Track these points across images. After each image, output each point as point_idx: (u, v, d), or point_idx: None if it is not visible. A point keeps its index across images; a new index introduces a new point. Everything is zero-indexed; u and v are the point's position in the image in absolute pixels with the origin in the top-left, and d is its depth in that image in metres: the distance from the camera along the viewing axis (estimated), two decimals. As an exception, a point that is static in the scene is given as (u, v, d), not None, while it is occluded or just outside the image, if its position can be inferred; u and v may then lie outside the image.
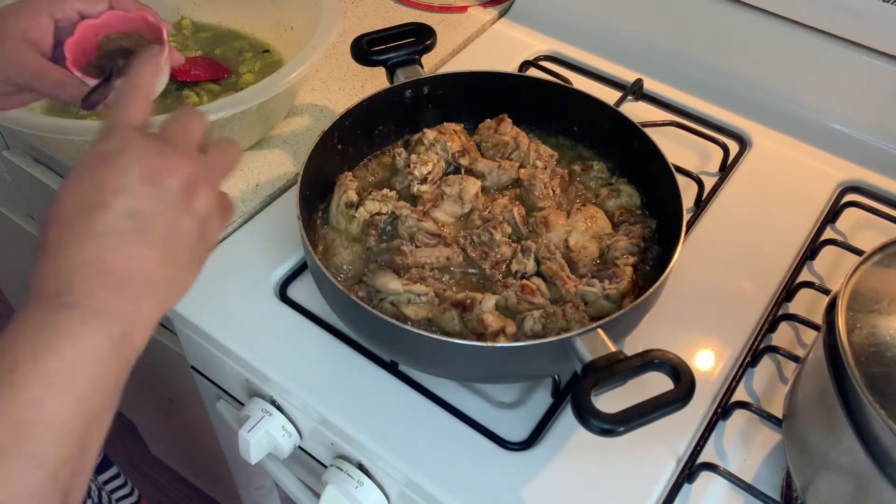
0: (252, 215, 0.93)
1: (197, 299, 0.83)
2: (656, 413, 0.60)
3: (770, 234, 0.91)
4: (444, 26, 1.19)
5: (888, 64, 0.97)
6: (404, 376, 0.78)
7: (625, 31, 1.14)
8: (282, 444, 0.80)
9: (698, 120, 1.03)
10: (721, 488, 0.71)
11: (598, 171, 0.89)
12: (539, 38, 1.17)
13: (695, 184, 0.94)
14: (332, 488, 0.75)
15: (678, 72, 1.09)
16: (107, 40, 0.72)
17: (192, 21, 1.15)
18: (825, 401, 0.61)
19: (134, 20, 0.72)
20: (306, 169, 0.80)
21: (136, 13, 0.71)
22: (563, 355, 0.65)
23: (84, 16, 0.70)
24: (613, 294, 0.75)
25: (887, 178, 0.98)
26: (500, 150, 0.90)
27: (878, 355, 0.57)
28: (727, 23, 1.06)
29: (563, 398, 0.76)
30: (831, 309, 0.62)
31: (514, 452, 0.72)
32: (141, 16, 0.71)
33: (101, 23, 0.70)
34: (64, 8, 0.69)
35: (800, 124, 1.03)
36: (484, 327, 0.72)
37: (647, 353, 0.62)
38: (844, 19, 0.97)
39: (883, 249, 0.65)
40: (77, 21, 0.70)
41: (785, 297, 0.85)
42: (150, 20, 0.71)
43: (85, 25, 0.70)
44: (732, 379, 0.78)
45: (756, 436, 0.75)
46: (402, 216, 0.82)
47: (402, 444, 0.72)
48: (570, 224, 0.82)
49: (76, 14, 0.69)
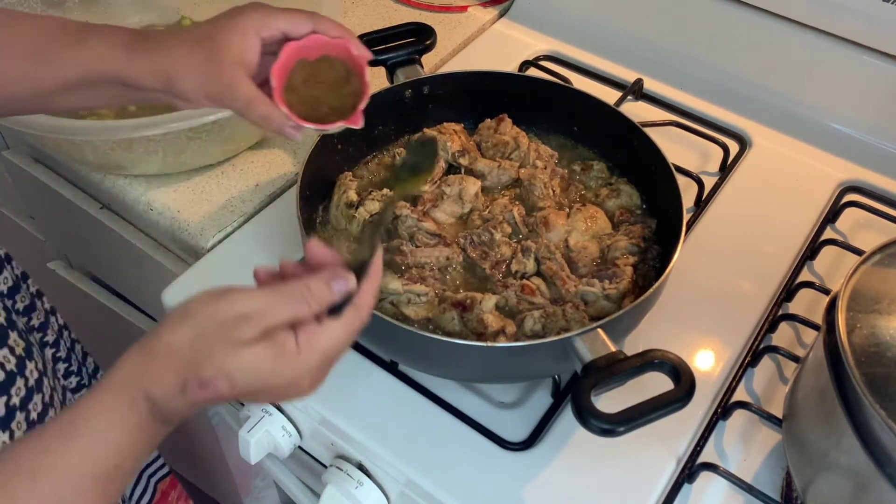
0: (252, 215, 0.93)
1: (197, 299, 0.83)
2: (656, 413, 0.60)
3: (770, 234, 0.91)
4: (444, 26, 1.19)
5: (888, 64, 0.97)
6: (404, 376, 0.78)
7: (625, 31, 1.14)
8: (282, 444, 0.80)
9: (698, 120, 1.03)
10: (721, 488, 0.71)
11: (598, 171, 0.89)
12: (539, 38, 1.17)
13: (695, 184, 0.93)
14: (332, 488, 0.75)
15: (678, 72, 1.09)
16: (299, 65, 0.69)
17: (192, 21, 1.15)
18: (825, 401, 0.61)
19: (336, 47, 0.69)
20: (306, 169, 0.80)
21: (340, 42, 0.69)
22: (563, 355, 0.65)
23: (288, 36, 0.68)
24: (613, 294, 0.75)
25: (887, 178, 0.98)
26: (500, 150, 0.90)
27: (878, 355, 0.57)
28: (727, 23, 1.06)
29: (563, 398, 0.76)
30: (831, 309, 0.62)
31: (514, 452, 0.72)
32: (343, 45, 0.69)
33: (303, 45, 0.68)
34: (270, 27, 0.66)
35: (800, 124, 1.03)
36: (484, 327, 0.72)
37: (647, 353, 0.62)
38: (844, 19, 0.97)
39: (883, 249, 0.65)
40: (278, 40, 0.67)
41: (785, 297, 0.85)
42: (352, 52, 0.69)
43: (289, 49, 0.68)
44: (732, 379, 0.78)
45: (756, 436, 0.75)
46: (402, 216, 0.82)
47: (402, 444, 0.72)
48: (570, 224, 0.82)
49: (280, 34, 0.67)
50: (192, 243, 0.91)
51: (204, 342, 0.50)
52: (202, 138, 0.90)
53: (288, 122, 0.66)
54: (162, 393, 0.50)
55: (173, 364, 0.50)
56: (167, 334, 0.50)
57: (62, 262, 1.28)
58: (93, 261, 1.22)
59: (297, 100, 0.69)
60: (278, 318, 0.51)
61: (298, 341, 0.51)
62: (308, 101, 0.71)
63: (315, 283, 0.52)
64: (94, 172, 0.98)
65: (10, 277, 0.85)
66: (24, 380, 0.75)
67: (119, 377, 0.50)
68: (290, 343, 0.51)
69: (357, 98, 0.70)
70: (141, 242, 1.00)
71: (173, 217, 0.92)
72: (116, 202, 0.98)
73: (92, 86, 0.66)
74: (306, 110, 0.70)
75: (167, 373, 0.50)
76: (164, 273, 0.97)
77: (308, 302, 0.52)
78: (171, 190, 0.95)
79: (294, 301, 0.52)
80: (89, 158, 0.93)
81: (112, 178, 0.97)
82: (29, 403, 0.75)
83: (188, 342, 0.50)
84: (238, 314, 0.50)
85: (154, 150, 0.89)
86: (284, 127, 0.67)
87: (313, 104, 0.71)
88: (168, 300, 0.83)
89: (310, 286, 0.52)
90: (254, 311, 0.50)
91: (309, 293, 0.52)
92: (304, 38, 0.68)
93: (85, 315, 1.25)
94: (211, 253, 0.89)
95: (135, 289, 1.15)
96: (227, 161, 0.98)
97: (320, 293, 0.52)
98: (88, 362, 1.02)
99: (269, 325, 0.51)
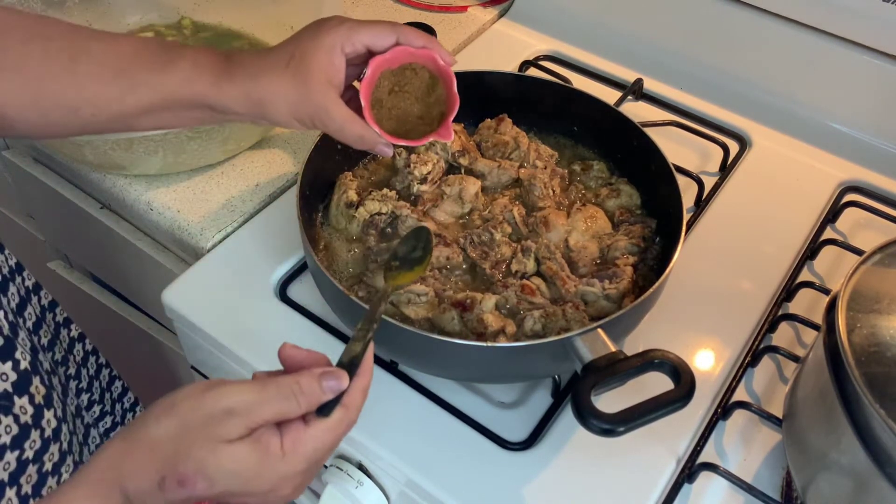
0: (252, 215, 0.93)
1: (197, 299, 0.83)
2: (656, 413, 0.60)
3: (770, 234, 0.91)
4: (444, 26, 1.19)
5: (888, 64, 0.97)
6: (404, 376, 0.78)
7: (625, 31, 1.14)
8: (282, 444, 0.80)
9: (698, 120, 1.03)
10: (721, 488, 0.71)
11: (598, 171, 0.89)
12: (539, 38, 1.17)
13: (695, 183, 0.93)
14: (332, 488, 0.75)
15: (678, 72, 1.09)
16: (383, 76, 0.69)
17: (192, 21, 1.15)
18: (825, 401, 0.61)
19: (421, 57, 0.68)
20: (306, 169, 0.80)
21: (425, 52, 0.68)
22: (563, 355, 0.65)
23: (371, 50, 0.67)
24: (613, 294, 0.75)
25: (887, 178, 0.98)
26: (500, 150, 0.90)
27: (878, 355, 0.57)
28: (727, 23, 1.06)
29: (563, 398, 0.76)
30: (831, 309, 0.62)
31: (514, 452, 0.72)
32: (429, 55, 0.68)
33: (388, 59, 0.67)
34: (354, 42, 0.65)
35: (800, 124, 1.03)
36: (484, 327, 0.72)
37: (647, 353, 0.62)
38: (844, 19, 0.97)
39: (883, 249, 0.65)
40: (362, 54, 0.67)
41: (785, 297, 0.85)
42: (438, 62, 0.68)
43: (375, 64, 0.67)
44: (732, 379, 0.78)
45: (756, 436, 0.75)
46: (401, 216, 0.82)
47: (402, 444, 0.72)
48: (570, 224, 0.82)
49: (364, 48, 0.66)
50: (192, 243, 0.91)
51: (186, 437, 0.48)
52: (202, 138, 0.90)
53: (380, 140, 0.67)
54: (137, 488, 0.48)
55: (153, 459, 0.48)
56: (152, 426, 0.49)
57: (62, 262, 1.28)
58: (93, 261, 1.22)
59: (385, 114, 0.70)
60: (265, 416, 0.49)
61: (283, 443, 0.50)
62: (395, 113, 0.71)
63: (306, 380, 0.50)
64: (94, 172, 0.98)
65: (35, 311, 0.82)
66: (41, 431, 0.72)
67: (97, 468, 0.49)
68: (275, 445, 0.50)
69: (443, 106, 0.70)
70: (141, 242, 1.00)
71: (173, 217, 0.92)
72: (116, 202, 0.98)
73: (176, 109, 0.65)
74: (394, 124, 0.70)
75: (145, 467, 0.48)
76: (164, 273, 0.97)
77: (298, 400, 0.50)
78: (171, 190, 0.95)
79: (283, 399, 0.50)
80: (89, 158, 0.93)
81: (112, 178, 0.97)
82: (44, 455, 0.72)
83: (170, 436, 0.48)
84: (224, 409, 0.48)
85: (154, 151, 0.89)
86: (377, 145, 0.67)
87: (400, 116, 0.72)
88: (168, 300, 0.83)
89: (300, 383, 0.50)
90: (240, 406, 0.49)
91: (299, 390, 0.50)
92: (388, 50, 0.67)
93: (85, 315, 1.25)
94: (211, 253, 0.89)
95: (135, 289, 1.15)
96: (227, 161, 0.98)
97: (311, 391, 0.50)
98: (115, 387, 0.99)
99: (254, 423, 0.49)
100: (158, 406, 0.50)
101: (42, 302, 0.85)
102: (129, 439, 0.49)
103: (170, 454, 0.48)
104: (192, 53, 0.65)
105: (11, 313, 0.75)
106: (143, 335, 1.15)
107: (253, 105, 0.65)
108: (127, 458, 0.49)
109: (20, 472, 0.70)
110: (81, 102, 0.64)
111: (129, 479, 0.48)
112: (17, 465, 0.69)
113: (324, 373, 0.51)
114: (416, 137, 0.71)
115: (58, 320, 0.88)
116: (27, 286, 0.83)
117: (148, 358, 1.20)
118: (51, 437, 0.74)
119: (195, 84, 0.64)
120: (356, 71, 0.70)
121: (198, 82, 0.64)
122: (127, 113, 0.65)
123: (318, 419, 0.51)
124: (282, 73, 0.64)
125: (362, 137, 0.66)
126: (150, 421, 0.49)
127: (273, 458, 0.49)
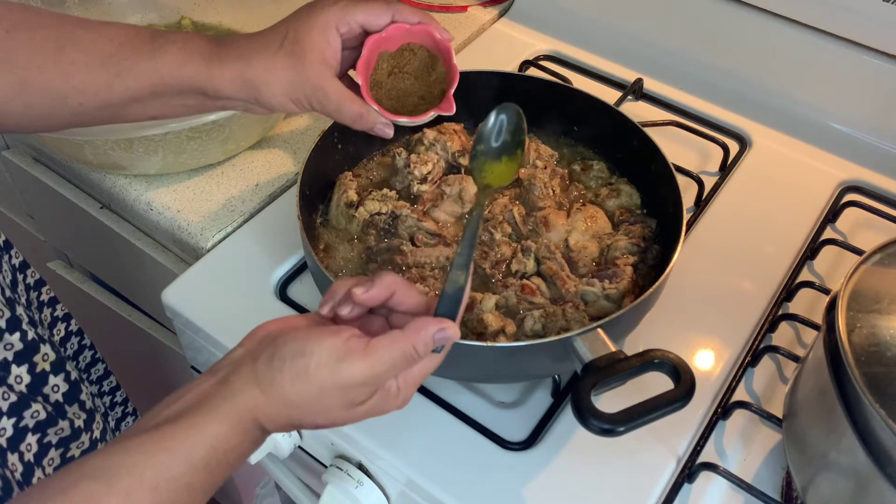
0: (252, 215, 0.93)
1: (197, 299, 0.83)
2: (656, 413, 0.60)
3: (770, 234, 0.91)
4: (445, 26, 1.17)
5: (888, 64, 0.97)
6: (404, 376, 0.78)
7: (625, 30, 1.14)
8: (282, 444, 0.80)
9: (698, 119, 1.03)
10: (721, 488, 0.71)
11: (598, 171, 0.89)
12: (539, 38, 1.17)
13: (695, 183, 0.93)
14: (332, 488, 0.75)
15: (678, 71, 1.09)
16: (382, 57, 0.67)
17: (192, 21, 1.15)
18: (825, 400, 0.61)
19: (417, 34, 0.67)
20: (306, 169, 0.80)
21: (421, 27, 0.67)
22: (563, 355, 0.65)
23: (367, 29, 0.66)
24: (613, 294, 0.75)
25: (887, 178, 0.98)
26: (500, 150, 0.90)
27: (878, 355, 0.57)
28: (727, 23, 1.06)
29: (563, 398, 0.76)
30: (831, 308, 0.62)
31: (514, 452, 0.72)
32: (425, 30, 0.66)
33: (384, 37, 0.66)
34: (349, 21, 0.64)
35: (800, 124, 1.03)
36: (484, 327, 0.72)
37: (647, 353, 0.62)
38: (844, 19, 0.97)
39: (883, 249, 0.65)
40: (358, 34, 0.66)
41: (785, 297, 0.85)
42: (435, 36, 0.67)
43: (371, 43, 0.66)
44: (732, 379, 0.78)
45: (756, 435, 0.75)
46: (401, 216, 0.82)
47: (401, 444, 0.72)
48: (570, 224, 0.82)
49: (359, 27, 0.65)
50: (192, 243, 0.91)
51: (324, 401, 0.53)
52: (202, 138, 0.90)
53: (380, 119, 0.65)
54: (273, 427, 0.54)
55: (289, 412, 0.53)
56: (287, 386, 0.52)
57: (62, 262, 1.28)
58: (93, 260, 1.22)
59: (384, 94, 0.68)
60: (389, 378, 0.54)
61: (399, 384, 0.55)
62: (395, 94, 0.69)
63: (422, 345, 0.53)
64: (94, 172, 0.98)
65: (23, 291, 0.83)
66: None
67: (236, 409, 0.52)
68: (394, 388, 0.55)
69: (444, 84, 0.68)
70: (141, 242, 1.00)
71: (173, 217, 0.92)
72: (116, 202, 0.98)
73: (167, 96, 0.64)
74: (395, 104, 0.68)
75: (281, 416, 0.53)
76: (163, 273, 0.97)
77: (415, 360, 0.54)
78: (171, 190, 0.95)
79: (404, 363, 0.53)
80: (89, 158, 0.93)
81: (112, 178, 0.97)
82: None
83: (307, 399, 0.52)
84: (358, 382, 0.52)
85: (154, 150, 0.89)
86: (377, 124, 0.65)
87: (400, 96, 0.69)
88: (168, 300, 0.83)
89: (418, 349, 0.53)
90: (372, 380, 0.53)
91: (417, 355, 0.54)
92: (384, 29, 0.66)
93: (84, 315, 1.25)
94: (211, 253, 0.89)
95: (134, 289, 1.15)
96: (227, 161, 0.98)
97: (426, 352, 0.54)
98: (96, 369, 0.99)
99: (380, 386, 0.54)
100: (289, 363, 0.52)
101: (28, 281, 0.85)
102: (265, 390, 0.52)
103: (306, 411, 0.53)
104: (182, 38, 0.64)
105: (8, 289, 0.75)
106: (142, 335, 1.15)
107: (246, 88, 0.63)
108: (265, 407, 0.52)
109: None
110: (68, 91, 0.63)
111: (266, 421, 0.53)
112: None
113: (438, 331, 0.54)
114: (417, 115, 0.69)
115: (42, 299, 0.88)
116: (13, 265, 0.82)
117: (147, 358, 1.20)
118: None
119: (186, 68, 0.63)
120: (353, 55, 0.68)
121: (188, 66, 0.63)
122: (115, 101, 0.64)
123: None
124: (275, 53, 0.63)
125: (361, 116, 0.65)
126: (286, 381, 0.52)
127: (391, 396, 0.55)
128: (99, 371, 0.97)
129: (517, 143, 0.66)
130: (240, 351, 0.55)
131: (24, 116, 0.64)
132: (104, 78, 0.63)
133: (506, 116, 0.66)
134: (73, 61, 0.62)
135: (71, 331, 0.93)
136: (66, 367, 0.78)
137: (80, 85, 0.63)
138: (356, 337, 0.53)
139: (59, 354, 0.78)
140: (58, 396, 0.77)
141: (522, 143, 0.65)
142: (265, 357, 0.53)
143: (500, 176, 0.66)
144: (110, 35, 0.64)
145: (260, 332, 0.56)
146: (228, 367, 0.54)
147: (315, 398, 0.52)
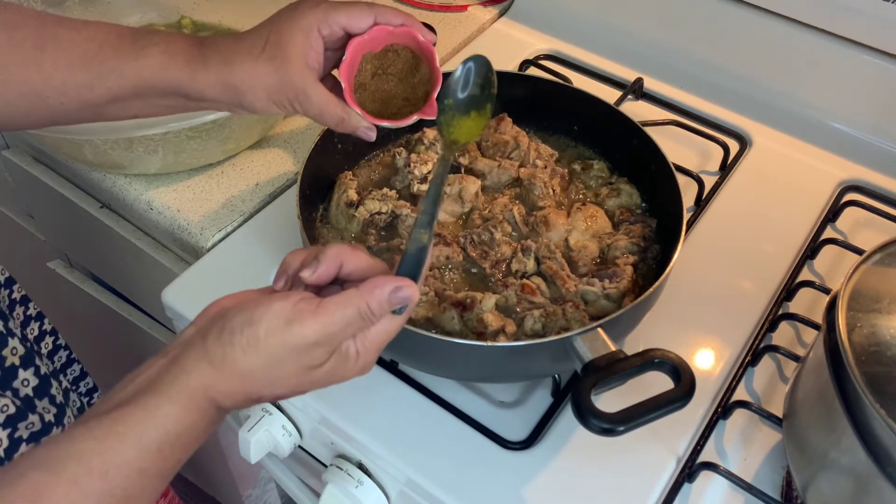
0: (252, 214, 0.93)
1: (197, 298, 0.83)
2: (656, 412, 0.60)
3: (770, 234, 0.91)
4: (444, 25, 1.19)
5: (888, 63, 0.97)
6: (404, 376, 0.78)
7: (625, 30, 1.14)
8: (282, 444, 0.80)
9: (698, 119, 1.03)
10: (721, 488, 0.71)
11: (598, 171, 0.89)
12: (539, 37, 1.17)
13: (695, 183, 0.93)
14: (332, 488, 0.75)
15: (678, 71, 1.09)
16: (365, 59, 0.67)
17: (192, 20, 1.15)
18: (825, 400, 0.61)
19: (401, 35, 0.66)
20: (306, 168, 0.80)
21: (404, 29, 0.66)
22: (563, 355, 0.65)
23: (349, 31, 0.65)
24: (613, 293, 0.75)
25: (887, 178, 0.98)
26: (500, 150, 0.90)
27: (878, 354, 0.57)
28: (727, 22, 1.06)
29: (563, 398, 0.76)
30: (832, 308, 0.62)
31: (514, 452, 0.72)
32: (407, 32, 0.66)
33: (367, 39, 0.65)
34: (331, 23, 0.64)
35: (800, 123, 1.03)
36: (484, 327, 0.72)
37: (648, 353, 0.62)
38: (844, 19, 0.97)
39: (883, 249, 0.65)
40: (340, 36, 0.65)
41: (785, 297, 0.85)
42: (418, 38, 0.66)
43: (354, 45, 0.65)
44: (733, 378, 0.78)
45: (756, 435, 0.75)
46: (401, 215, 0.82)
47: (402, 444, 0.72)
48: (571, 223, 0.82)
49: (341, 30, 0.65)
50: (192, 242, 0.91)
51: (278, 369, 0.51)
52: (202, 138, 0.90)
53: (362, 122, 0.65)
54: (230, 404, 0.52)
55: (244, 385, 0.51)
56: (239, 358, 0.51)
57: (62, 262, 1.28)
58: (92, 260, 1.22)
59: (368, 97, 0.67)
60: (345, 339, 0.53)
61: (357, 346, 0.53)
62: (379, 96, 0.68)
63: (376, 303, 0.52)
64: (93, 172, 0.98)
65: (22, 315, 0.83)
66: None
67: (188, 387, 0.51)
68: (352, 350, 0.53)
69: (428, 86, 0.67)
70: (141, 242, 1.00)
71: (173, 216, 0.92)
72: (116, 201, 0.98)
73: (149, 97, 0.64)
74: (378, 106, 0.68)
75: (238, 391, 0.52)
76: (163, 272, 0.97)
77: (372, 320, 0.53)
78: (171, 189, 0.95)
79: (360, 322, 0.52)
80: (89, 157, 0.93)
81: (112, 178, 0.97)
82: None
83: (261, 368, 0.51)
84: (311, 343, 0.51)
85: (154, 150, 0.89)
86: (360, 128, 0.65)
87: (384, 98, 0.69)
88: (168, 299, 0.83)
89: (372, 308, 0.52)
90: (324, 339, 0.51)
91: (370, 313, 0.52)
92: (367, 31, 0.65)
93: (84, 314, 1.25)
94: (211, 252, 0.89)
95: (134, 288, 1.15)
96: (227, 161, 0.98)
97: (382, 311, 0.53)
98: (72, 370, 0.99)
99: (336, 347, 0.53)
100: (238, 335, 0.51)
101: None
102: (218, 366, 0.51)
103: (262, 382, 0.52)
104: (165, 39, 0.64)
105: None
106: (142, 335, 1.15)
107: (229, 91, 0.63)
108: (219, 384, 0.51)
109: None
110: (49, 91, 0.62)
111: (222, 399, 0.52)
112: None
113: (394, 290, 0.53)
114: (401, 119, 0.68)
115: (14, 297, 0.87)
116: None
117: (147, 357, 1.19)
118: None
119: (168, 70, 0.62)
120: (335, 56, 0.68)
121: (171, 69, 0.62)
122: (96, 101, 0.64)
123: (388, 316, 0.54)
124: (257, 56, 0.63)
125: (343, 120, 0.65)
126: (237, 354, 0.51)
127: (350, 360, 0.54)
128: (75, 372, 0.97)
129: (487, 96, 0.64)
130: (191, 329, 0.54)
131: (2, 115, 0.64)
132: (86, 78, 0.62)
133: (473, 66, 0.64)
134: (54, 61, 0.62)
135: (45, 330, 0.93)
136: (35, 361, 0.78)
137: (60, 85, 0.62)
138: (306, 299, 0.52)
139: (29, 349, 0.77)
140: (28, 391, 0.76)
141: (492, 97, 0.63)
142: (215, 332, 0.51)
143: (468, 131, 0.64)
144: (91, 35, 0.63)
145: (212, 309, 0.55)
146: (179, 347, 0.53)
147: (270, 367, 0.51)
